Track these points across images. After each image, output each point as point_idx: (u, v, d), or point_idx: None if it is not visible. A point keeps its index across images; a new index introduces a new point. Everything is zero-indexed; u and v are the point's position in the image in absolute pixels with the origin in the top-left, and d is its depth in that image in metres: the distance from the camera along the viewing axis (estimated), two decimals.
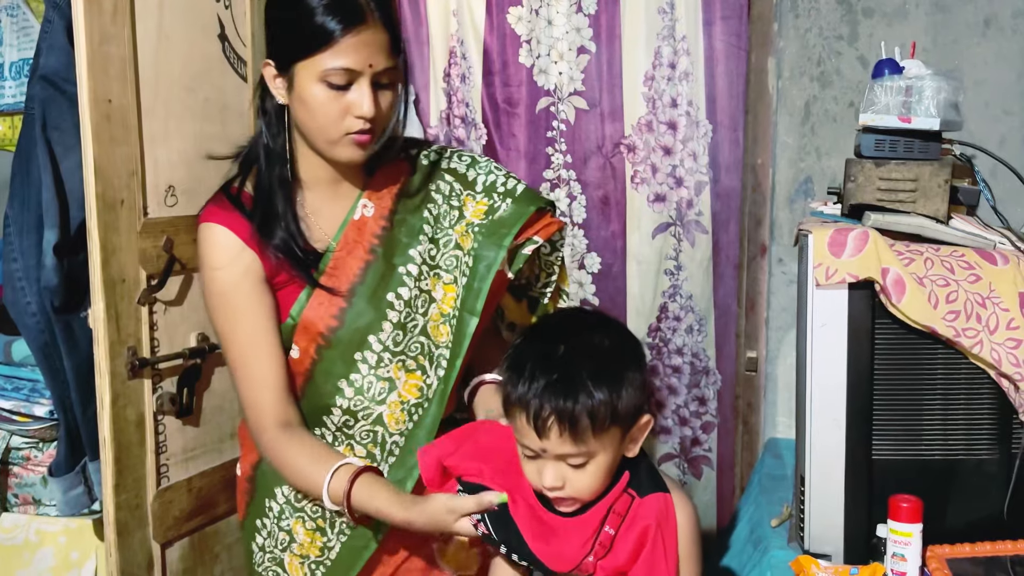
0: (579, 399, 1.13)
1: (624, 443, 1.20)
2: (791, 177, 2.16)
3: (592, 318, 1.31)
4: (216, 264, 1.35)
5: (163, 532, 1.64)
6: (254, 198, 1.38)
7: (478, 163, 1.51)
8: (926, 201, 1.50)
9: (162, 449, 1.64)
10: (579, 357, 1.16)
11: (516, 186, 1.47)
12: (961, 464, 1.46)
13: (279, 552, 1.46)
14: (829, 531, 1.48)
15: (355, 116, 1.29)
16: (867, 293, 1.43)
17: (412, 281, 1.40)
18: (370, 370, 1.39)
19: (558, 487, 1.18)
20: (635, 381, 1.18)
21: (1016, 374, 1.41)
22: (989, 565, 1.41)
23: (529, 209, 1.43)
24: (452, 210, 1.46)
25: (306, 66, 1.29)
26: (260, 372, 1.36)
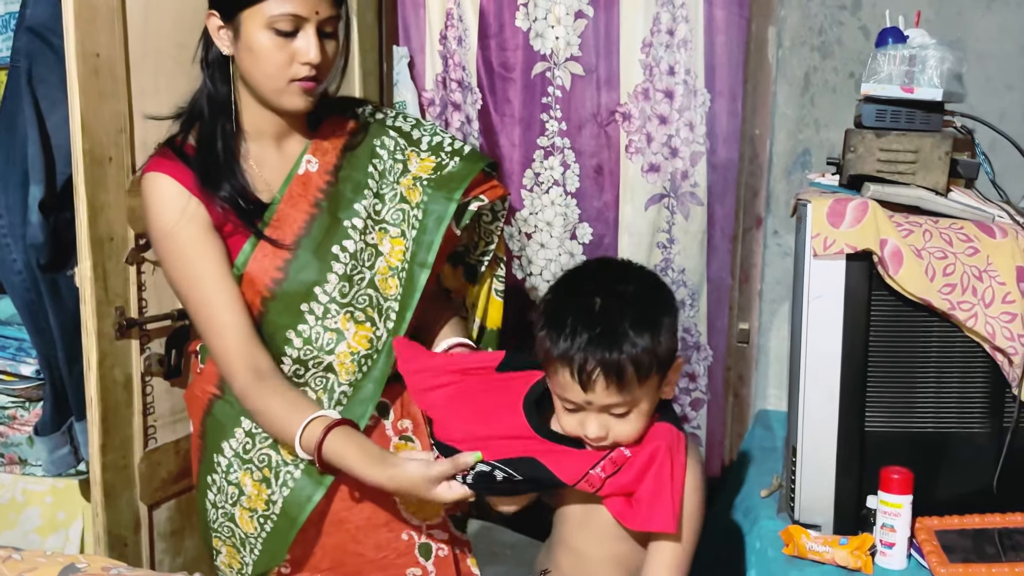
0: (624, 350, 1.15)
1: (662, 386, 1.24)
2: (789, 149, 2.14)
3: (620, 267, 1.32)
4: (163, 213, 1.35)
5: (150, 493, 1.63)
6: (197, 149, 1.38)
7: (423, 125, 1.55)
8: (926, 173, 1.49)
9: (149, 411, 1.63)
10: (618, 308, 1.19)
11: (463, 147, 1.52)
12: (953, 437, 1.46)
13: (230, 507, 1.46)
14: (819, 502, 1.48)
15: (301, 63, 1.31)
16: (864, 264, 1.42)
17: (357, 234, 1.42)
18: (317, 321, 1.40)
19: (602, 437, 1.20)
20: (671, 326, 1.22)
21: (1010, 348, 1.41)
22: (977, 537, 1.42)
23: (478, 165, 1.48)
24: (396, 164, 1.49)
25: (252, 14, 1.30)
26: (224, 318, 1.35)
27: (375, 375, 1.42)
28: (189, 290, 1.37)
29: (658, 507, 1.21)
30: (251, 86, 1.37)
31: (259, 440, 1.43)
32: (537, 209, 2.36)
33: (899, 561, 1.39)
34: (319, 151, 1.44)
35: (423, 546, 1.47)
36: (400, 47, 2.34)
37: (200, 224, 1.36)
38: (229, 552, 1.50)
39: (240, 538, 1.47)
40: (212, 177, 1.36)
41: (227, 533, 1.49)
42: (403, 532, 1.45)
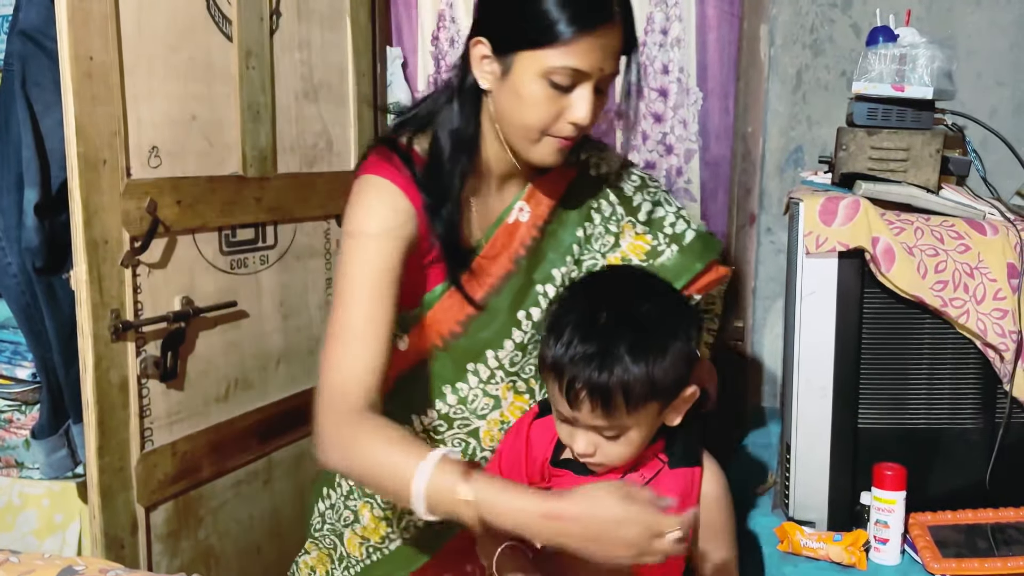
0: (614, 374, 1.06)
1: (664, 414, 1.14)
2: (781, 146, 2.15)
3: (642, 280, 1.22)
4: (375, 217, 1.19)
5: (147, 495, 1.63)
6: (431, 177, 1.22)
7: (647, 187, 1.40)
8: (917, 171, 1.50)
9: (146, 412, 1.63)
10: (620, 327, 1.09)
11: (685, 231, 1.38)
12: (945, 433, 1.47)
13: (340, 527, 1.40)
14: (813, 498, 1.49)
15: (569, 120, 1.17)
16: (857, 262, 1.43)
17: (545, 302, 1.30)
18: (479, 383, 1.31)
19: (589, 454, 1.13)
20: (680, 352, 1.11)
21: (1001, 344, 1.41)
22: (970, 532, 1.43)
23: (695, 267, 1.36)
24: (607, 235, 1.36)
25: (529, 58, 1.14)
26: (368, 342, 1.16)
27: None
28: (352, 292, 1.18)
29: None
30: (501, 127, 1.22)
31: None
32: None
33: (893, 557, 1.40)
34: (533, 200, 1.31)
35: None
36: (393, 48, 2.34)
37: (407, 250, 1.21)
38: (320, 557, 1.44)
39: (341, 555, 1.41)
40: (438, 209, 1.22)
41: (328, 544, 1.43)
42: None
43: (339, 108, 2.11)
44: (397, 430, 1.12)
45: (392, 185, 1.21)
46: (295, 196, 1.96)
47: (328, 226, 2.09)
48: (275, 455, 1.97)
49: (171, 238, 1.66)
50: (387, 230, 1.19)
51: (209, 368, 1.77)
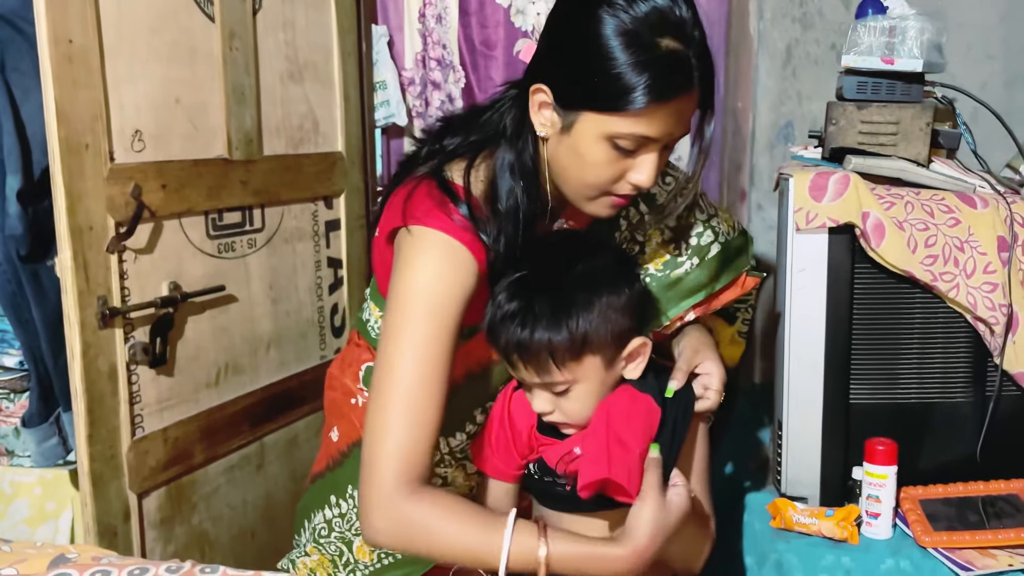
0: (535, 332, 1.08)
1: (614, 367, 1.16)
2: (772, 121, 2.14)
3: (575, 241, 1.22)
4: (448, 288, 1.11)
5: (139, 482, 1.62)
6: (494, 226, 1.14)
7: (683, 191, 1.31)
8: (907, 144, 1.49)
9: (136, 399, 1.62)
10: (544, 286, 1.11)
11: (711, 244, 1.33)
12: (936, 407, 1.47)
13: (351, 535, 1.38)
14: (805, 474, 1.49)
15: (631, 183, 1.11)
16: (847, 238, 1.43)
17: None
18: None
19: (548, 412, 1.15)
20: (612, 306, 1.12)
21: (991, 318, 1.41)
22: (961, 505, 1.44)
23: (713, 286, 1.33)
24: (632, 243, 1.33)
25: (595, 120, 1.07)
26: (425, 413, 1.10)
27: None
28: (408, 366, 1.10)
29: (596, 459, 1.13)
30: (557, 178, 1.16)
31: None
32: None
33: (885, 531, 1.41)
34: (573, 215, 1.26)
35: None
36: (379, 26, 2.32)
37: (468, 298, 1.13)
38: (322, 561, 1.42)
39: (347, 560, 1.39)
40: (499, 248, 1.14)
41: (333, 551, 1.40)
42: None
43: (325, 89, 2.09)
44: (457, 501, 1.11)
45: (458, 244, 1.12)
46: (282, 179, 1.94)
47: (316, 208, 2.07)
48: (267, 439, 1.96)
49: (157, 223, 1.64)
50: (454, 293, 1.11)
51: (199, 353, 1.76)
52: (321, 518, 1.42)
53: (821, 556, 1.37)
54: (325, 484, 1.43)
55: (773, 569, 1.39)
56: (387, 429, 1.09)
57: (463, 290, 1.12)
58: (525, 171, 1.15)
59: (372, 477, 1.09)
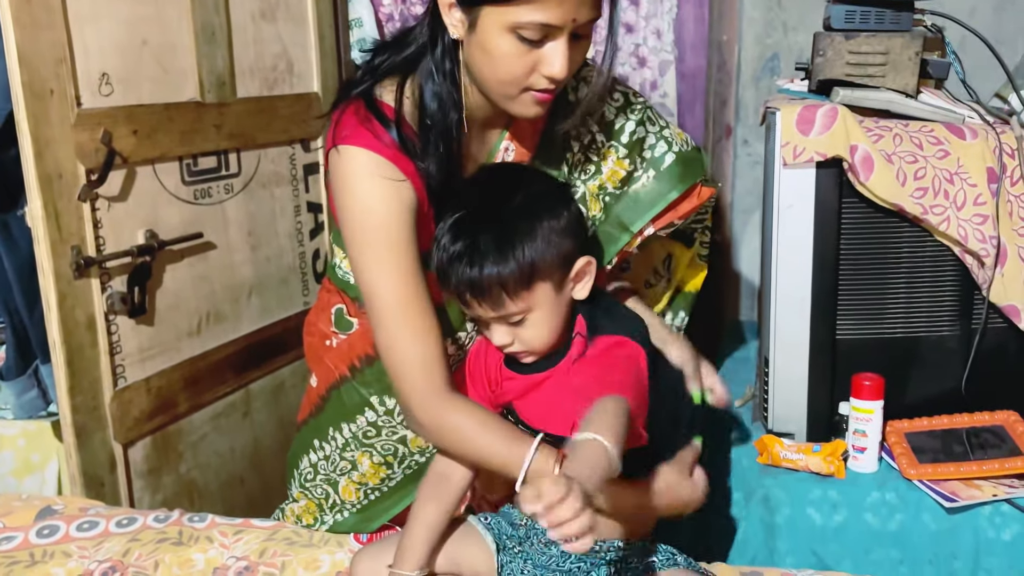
0: (484, 268, 1.08)
1: (564, 290, 1.15)
2: (757, 54, 2.10)
3: (507, 173, 1.21)
4: (378, 198, 1.13)
5: (123, 432, 1.61)
6: (421, 140, 1.16)
7: (631, 105, 1.32)
8: (896, 75, 1.46)
9: (116, 350, 1.59)
10: (485, 221, 1.10)
11: (665, 156, 1.32)
12: (923, 341, 1.47)
13: (336, 476, 1.39)
14: (792, 411, 1.49)
15: (543, 74, 1.08)
16: (835, 172, 1.41)
17: None
18: (475, 328, 1.28)
19: (508, 343, 1.16)
20: (554, 229, 1.11)
21: (982, 250, 1.41)
22: (946, 437, 1.45)
23: (670, 196, 1.31)
24: (588, 163, 1.31)
25: (495, 12, 1.05)
26: (422, 321, 1.15)
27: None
28: (385, 286, 1.15)
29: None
30: (476, 79, 1.14)
31: (386, 433, 1.34)
32: None
33: (871, 464, 1.42)
34: (516, 137, 1.25)
35: None
36: None
37: (411, 213, 1.15)
38: (308, 507, 1.44)
39: (333, 502, 1.41)
40: (431, 166, 1.15)
41: (319, 493, 1.42)
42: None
43: (298, 27, 2.02)
44: (484, 412, 1.17)
45: (385, 161, 1.13)
46: (257, 121, 1.89)
47: (293, 151, 2.03)
48: (252, 386, 1.95)
49: (130, 170, 1.60)
50: (394, 208, 1.13)
51: (179, 302, 1.73)
52: (307, 463, 1.42)
53: (808, 490, 1.38)
54: (308, 431, 1.43)
55: (761, 504, 1.40)
56: (397, 345, 1.15)
57: (402, 204, 1.14)
58: (444, 78, 1.15)
59: (403, 386, 1.16)
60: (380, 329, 1.16)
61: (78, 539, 1.32)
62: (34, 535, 1.33)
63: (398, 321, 1.15)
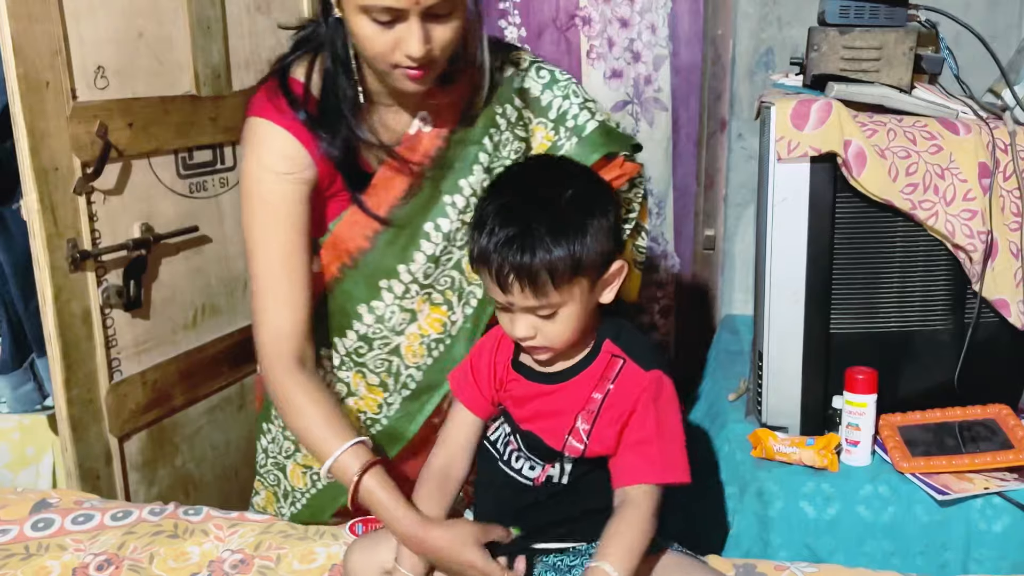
0: (537, 254, 1.09)
1: (596, 291, 1.18)
2: (752, 48, 2.10)
3: (556, 165, 1.23)
4: (270, 167, 1.20)
5: (119, 425, 1.61)
6: (323, 113, 1.22)
7: (556, 82, 1.34)
8: (890, 70, 1.46)
9: (112, 343, 1.59)
10: (538, 209, 1.11)
11: (587, 124, 1.33)
12: (916, 335, 1.48)
13: (283, 459, 1.41)
14: (786, 404, 1.50)
15: (404, 54, 1.12)
16: (829, 166, 1.41)
17: (455, 213, 1.29)
18: (395, 300, 1.30)
19: (530, 336, 1.16)
20: (602, 228, 1.14)
21: (969, 245, 1.41)
22: (939, 431, 1.45)
23: (592, 158, 1.31)
24: (516, 140, 1.32)
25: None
26: (288, 292, 1.22)
27: (446, 362, 1.32)
28: (264, 251, 1.22)
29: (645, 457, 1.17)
30: (360, 56, 1.20)
31: None
32: None
33: (864, 458, 1.43)
34: (435, 110, 1.27)
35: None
36: None
37: (305, 188, 1.22)
38: (268, 497, 1.47)
39: (285, 490, 1.43)
40: (331, 141, 1.21)
41: (272, 481, 1.45)
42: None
43: (293, 19, 2.02)
44: (327, 397, 1.23)
45: (280, 129, 1.20)
46: None
47: None
48: (248, 380, 1.95)
49: (125, 163, 1.60)
50: (282, 176, 1.20)
51: (175, 295, 1.74)
52: (260, 449, 1.45)
53: (802, 484, 1.39)
54: (260, 417, 1.46)
55: (754, 497, 1.41)
56: (258, 314, 1.24)
57: (296, 177, 1.20)
58: (336, 55, 1.20)
59: (260, 349, 1.24)
60: (252, 292, 1.25)
61: (73, 532, 1.32)
62: (29, 528, 1.33)
63: (267, 289, 1.23)
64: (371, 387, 1.35)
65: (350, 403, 1.35)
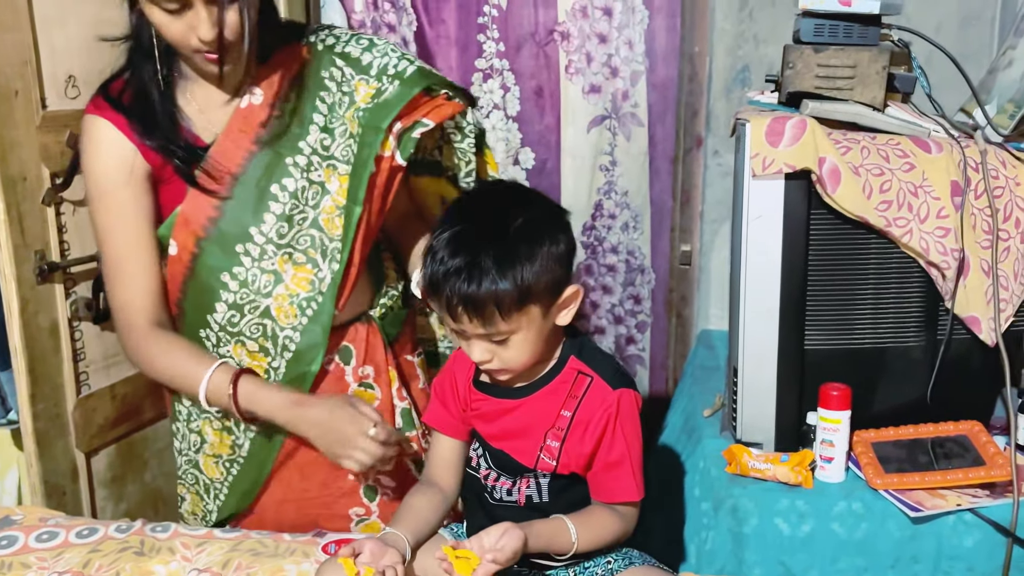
0: (483, 285, 1.10)
1: (551, 315, 1.18)
2: (728, 65, 2.11)
3: (511, 193, 1.25)
4: (99, 157, 1.30)
5: (87, 440, 1.58)
6: (132, 96, 1.31)
7: (375, 46, 1.42)
8: (864, 88, 1.47)
9: (80, 356, 1.57)
10: (487, 239, 1.12)
11: (407, 68, 1.39)
12: (889, 352, 1.48)
13: (193, 454, 1.46)
14: (760, 420, 1.50)
15: (198, 39, 1.19)
16: (803, 183, 1.42)
17: (299, 172, 1.34)
18: (253, 263, 1.35)
19: (487, 360, 1.17)
20: (552, 256, 1.15)
21: (943, 262, 1.42)
22: (912, 447, 1.46)
23: (413, 91, 1.36)
24: (344, 96, 1.39)
25: None
26: (135, 272, 1.33)
27: (322, 319, 1.37)
28: (107, 237, 1.33)
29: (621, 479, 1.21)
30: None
31: None
32: None
33: (838, 474, 1.43)
34: (265, 82, 1.35)
35: (369, 488, 1.46)
36: None
37: (136, 174, 1.30)
38: (193, 499, 1.50)
39: (204, 484, 1.46)
40: (148, 127, 1.29)
41: (191, 480, 1.48)
42: (350, 472, 1.44)
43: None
44: (186, 341, 1.36)
45: (101, 120, 1.28)
46: None
47: None
48: None
49: None
50: (112, 167, 1.29)
51: None
52: (175, 453, 1.50)
53: (776, 500, 1.39)
54: (171, 423, 1.49)
55: (729, 514, 1.40)
56: (112, 295, 1.36)
57: (116, 159, 1.29)
58: (141, 45, 1.28)
59: (116, 324, 1.37)
60: (104, 276, 1.37)
61: (37, 550, 1.29)
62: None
63: (114, 268, 1.34)
64: (253, 354, 1.39)
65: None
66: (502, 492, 1.25)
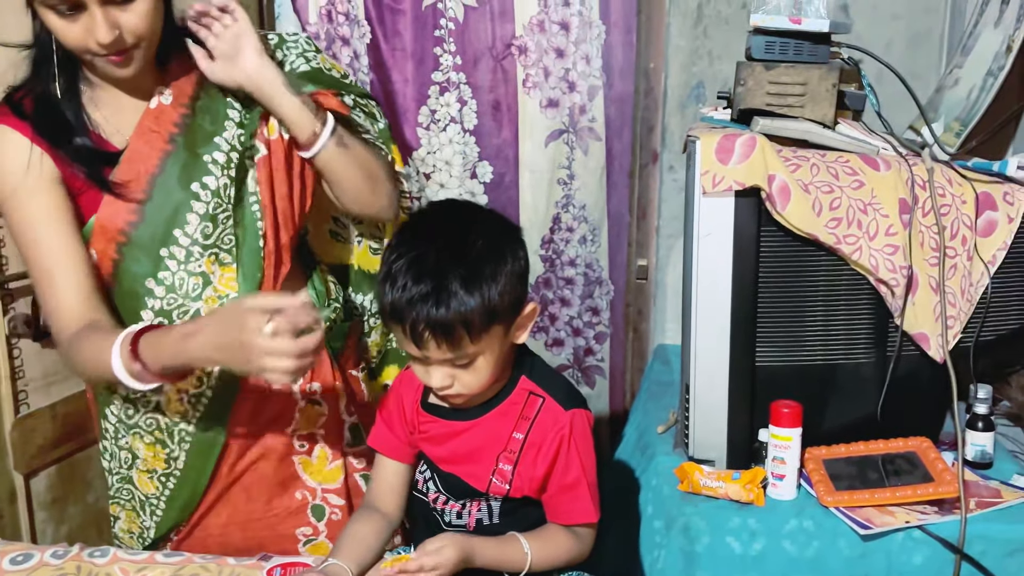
0: (451, 308, 1.08)
1: (510, 334, 1.18)
2: (683, 82, 2.12)
3: (465, 212, 1.24)
4: (9, 169, 1.25)
5: (25, 462, 1.54)
6: (34, 104, 1.27)
7: (285, 42, 1.42)
8: (814, 106, 1.48)
9: (19, 375, 1.53)
10: (450, 262, 1.11)
11: (301, 65, 1.39)
12: (840, 368, 1.49)
13: (125, 471, 1.41)
14: (712, 437, 1.50)
15: (95, 42, 1.17)
16: (753, 200, 1.42)
17: (219, 170, 1.31)
18: (179, 266, 1.31)
19: (447, 386, 1.15)
20: (513, 274, 1.14)
21: (892, 279, 1.43)
22: (862, 464, 1.46)
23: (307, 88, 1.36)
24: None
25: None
26: (65, 277, 1.27)
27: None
28: (29, 244, 1.27)
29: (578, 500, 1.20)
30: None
31: (140, 406, 1.36)
32: (435, 148, 2.29)
33: (789, 492, 1.43)
34: (174, 84, 1.32)
35: (316, 507, 1.43)
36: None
37: (45, 177, 1.26)
38: (128, 517, 1.45)
39: (140, 500, 1.42)
40: (55, 133, 1.25)
41: (126, 496, 1.43)
42: (297, 491, 1.41)
43: None
44: (104, 332, 1.24)
45: (10, 131, 1.24)
46: None
47: None
48: None
49: None
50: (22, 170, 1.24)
51: None
52: (105, 474, 1.44)
53: (728, 519, 1.38)
54: (100, 441, 1.44)
55: (681, 533, 1.39)
56: (40, 300, 1.31)
57: (23, 165, 1.25)
58: (41, 50, 1.25)
59: (50, 328, 1.30)
60: (33, 281, 1.31)
61: None
62: None
63: (39, 276, 1.28)
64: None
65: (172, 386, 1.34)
66: (452, 515, 1.24)
